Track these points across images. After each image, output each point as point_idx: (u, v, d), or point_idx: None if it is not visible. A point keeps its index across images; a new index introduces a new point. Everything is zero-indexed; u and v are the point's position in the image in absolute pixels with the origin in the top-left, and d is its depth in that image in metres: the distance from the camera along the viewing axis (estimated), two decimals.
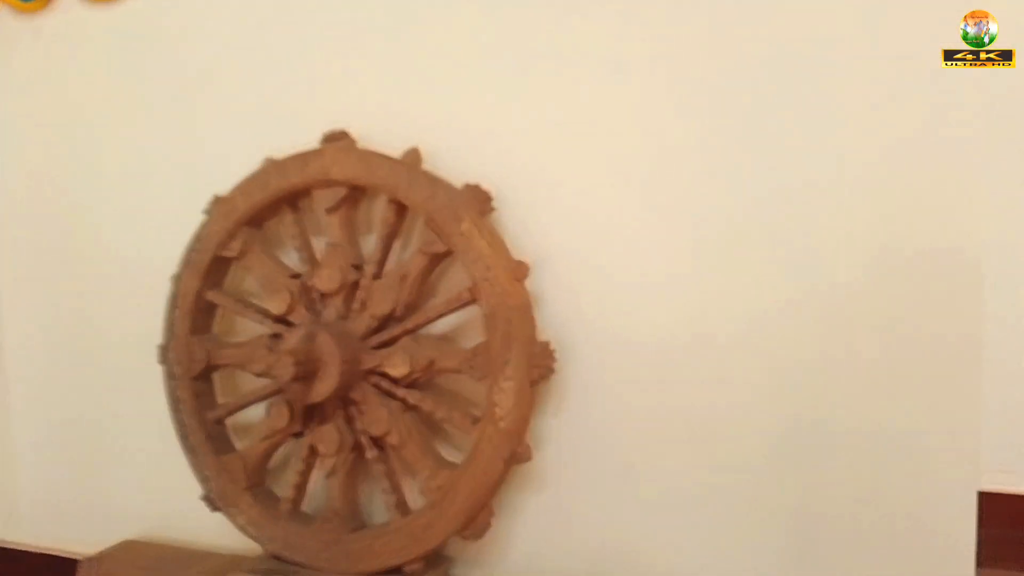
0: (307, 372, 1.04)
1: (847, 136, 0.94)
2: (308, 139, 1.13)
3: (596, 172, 1.05)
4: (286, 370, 1.02)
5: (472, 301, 1.03)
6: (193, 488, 1.19)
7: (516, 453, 1.01)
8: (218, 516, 1.18)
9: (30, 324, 1.46)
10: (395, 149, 1.08)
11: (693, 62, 1.00)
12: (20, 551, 1.45)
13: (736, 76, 0.98)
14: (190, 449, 1.18)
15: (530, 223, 1.07)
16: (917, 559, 0.93)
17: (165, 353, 1.20)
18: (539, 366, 1.00)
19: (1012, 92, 0.91)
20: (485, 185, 1.05)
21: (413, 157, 1.07)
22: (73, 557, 1.33)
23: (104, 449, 1.40)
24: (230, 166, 1.18)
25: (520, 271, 1.01)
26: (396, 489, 1.10)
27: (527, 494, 1.10)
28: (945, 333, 0.91)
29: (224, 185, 1.17)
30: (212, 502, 1.17)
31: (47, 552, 1.42)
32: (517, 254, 1.04)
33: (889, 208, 0.93)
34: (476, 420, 1.03)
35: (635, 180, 1.04)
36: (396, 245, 1.13)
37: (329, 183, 1.09)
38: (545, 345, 1.01)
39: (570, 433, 1.08)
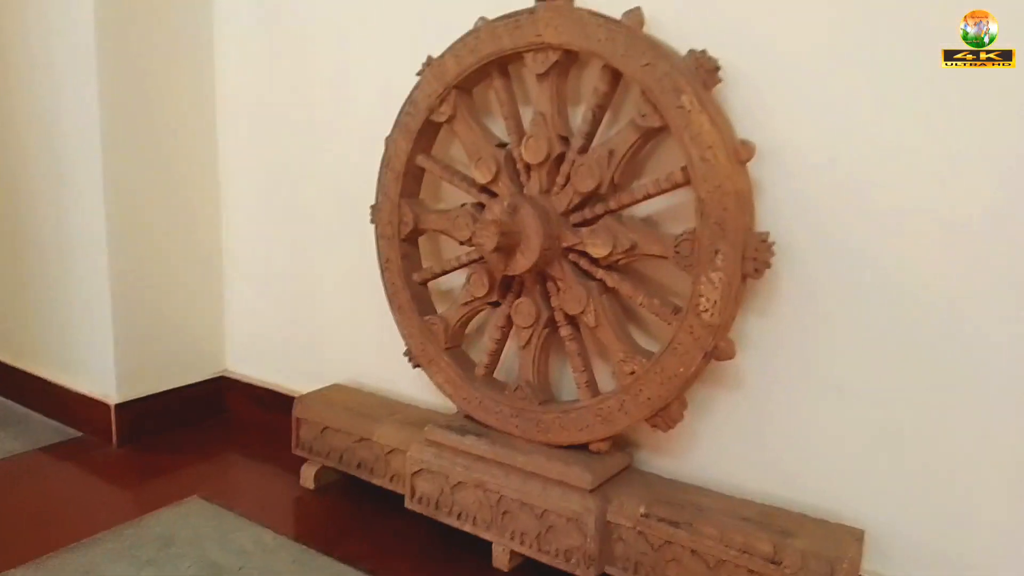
0: (508, 244, 1.03)
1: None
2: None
3: (838, 50, 0.91)
4: (489, 240, 1.02)
5: (685, 183, 0.95)
6: (397, 344, 1.26)
7: (718, 348, 0.95)
8: (418, 372, 1.25)
9: (249, 181, 1.59)
10: (614, 11, 0.98)
11: None
12: (247, 383, 1.64)
13: None
14: (396, 308, 1.24)
15: (758, 102, 0.96)
16: None
17: (376, 213, 1.25)
18: (754, 259, 0.91)
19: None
20: (712, 55, 0.94)
21: (634, 19, 0.97)
22: (290, 394, 1.49)
23: (317, 302, 1.52)
24: (446, 26, 1.15)
25: (745, 152, 0.91)
26: (587, 368, 1.09)
27: (723, 393, 1.05)
28: None
29: (439, 46, 1.15)
30: (414, 358, 1.24)
31: (270, 387, 1.60)
32: (742, 134, 0.94)
33: None
34: (677, 310, 0.98)
35: (881, 62, 0.89)
36: (607, 118, 1.06)
37: (541, 47, 1.03)
38: (763, 237, 0.92)
39: (778, 338, 0.99)
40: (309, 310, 1.53)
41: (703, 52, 0.93)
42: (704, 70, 0.93)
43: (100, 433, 1.53)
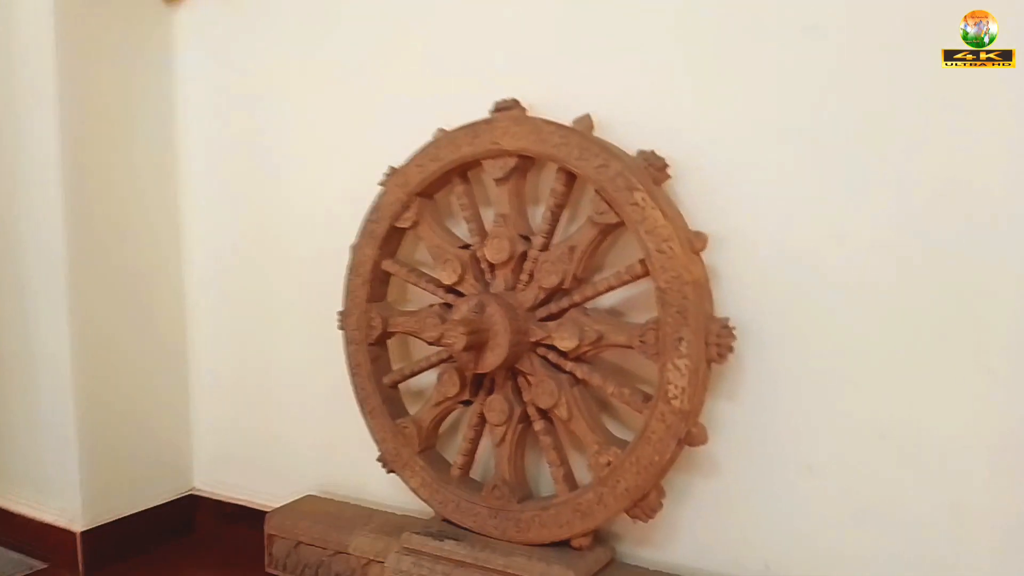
0: (478, 342, 1.05)
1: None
2: (479, 109, 1.13)
3: (780, 141, 0.97)
4: (459, 340, 1.03)
5: (644, 274, 0.98)
6: (368, 449, 1.25)
7: (690, 434, 0.96)
8: (392, 477, 1.23)
9: (214, 292, 1.59)
10: (566, 118, 1.05)
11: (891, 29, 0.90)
12: (216, 500, 1.60)
13: None
14: (367, 412, 1.24)
15: (708, 194, 1.01)
16: None
17: (345, 319, 1.26)
18: (716, 344, 0.94)
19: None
20: (660, 153, 0.99)
21: (585, 125, 1.03)
22: (262, 508, 1.45)
23: (286, 411, 1.50)
24: (405, 138, 1.20)
25: (698, 242, 0.96)
26: (563, 462, 1.09)
27: (699, 479, 1.05)
28: None
29: (399, 157, 1.20)
30: (387, 463, 1.22)
31: (241, 502, 1.56)
32: (695, 227, 0.98)
33: None
34: (647, 398, 1.00)
35: (825, 151, 0.95)
36: (565, 216, 1.11)
37: (499, 153, 1.09)
38: (724, 322, 0.95)
39: (747, 420, 1.01)
40: (279, 420, 1.51)
41: (651, 152, 0.99)
42: (654, 168, 0.99)
43: (66, 564, 1.45)
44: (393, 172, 1.21)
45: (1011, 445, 0.87)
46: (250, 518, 1.49)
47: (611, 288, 1.02)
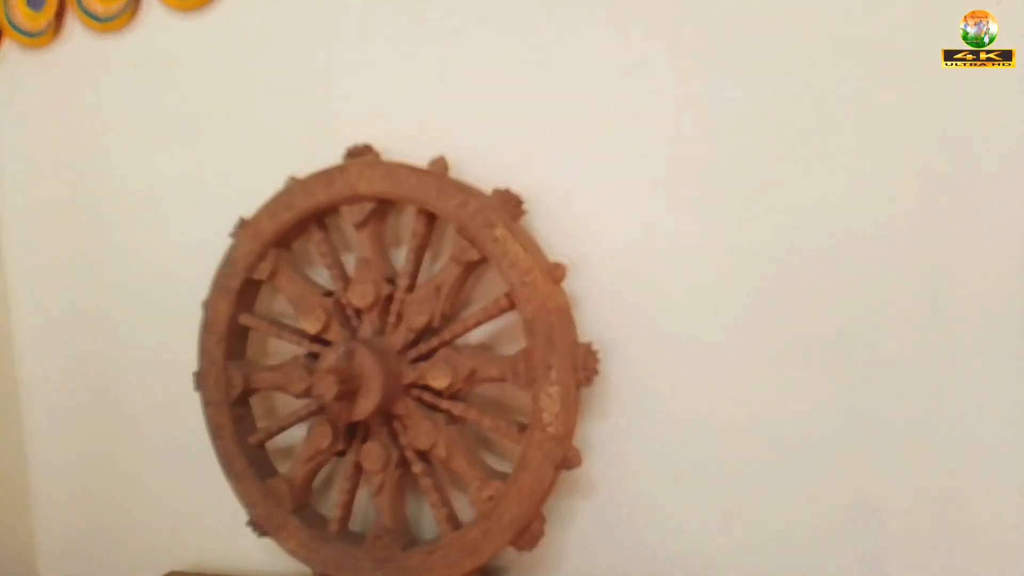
0: (349, 390, 1.03)
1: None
2: (331, 155, 1.12)
3: (629, 171, 1.04)
4: (329, 389, 1.01)
5: (510, 307, 1.01)
6: (237, 515, 1.18)
7: (566, 459, 0.99)
8: (266, 541, 1.17)
9: (52, 366, 1.45)
10: (420, 160, 1.06)
11: (712, 62, 1.00)
12: None
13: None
14: (234, 475, 1.17)
15: (564, 225, 1.06)
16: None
17: (201, 380, 1.19)
18: (584, 368, 0.98)
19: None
20: (515, 190, 1.03)
21: (440, 166, 1.05)
22: None
23: (141, 484, 1.38)
24: (254, 187, 1.16)
25: (558, 273, 1.00)
26: (445, 503, 1.08)
27: (578, 501, 1.09)
28: None
29: (249, 207, 1.16)
30: (259, 527, 1.16)
31: None
32: (553, 257, 1.03)
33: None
34: (523, 428, 1.02)
35: (669, 178, 1.03)
36: (428, 256, 1.12)
37: (356, 198, 1.08)
38: (588, 347, 0.99)
39: (618, 437, 1.06)
40: (131, 495, 1.39)
41: (506, 189, 1.03)
42: (510, 204, 1.03)
43: None
44: (244, 223, 1.17)
45: (852, 436, 0.97)
46: None
47: (479, 323, 1.04)
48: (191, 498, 1.33)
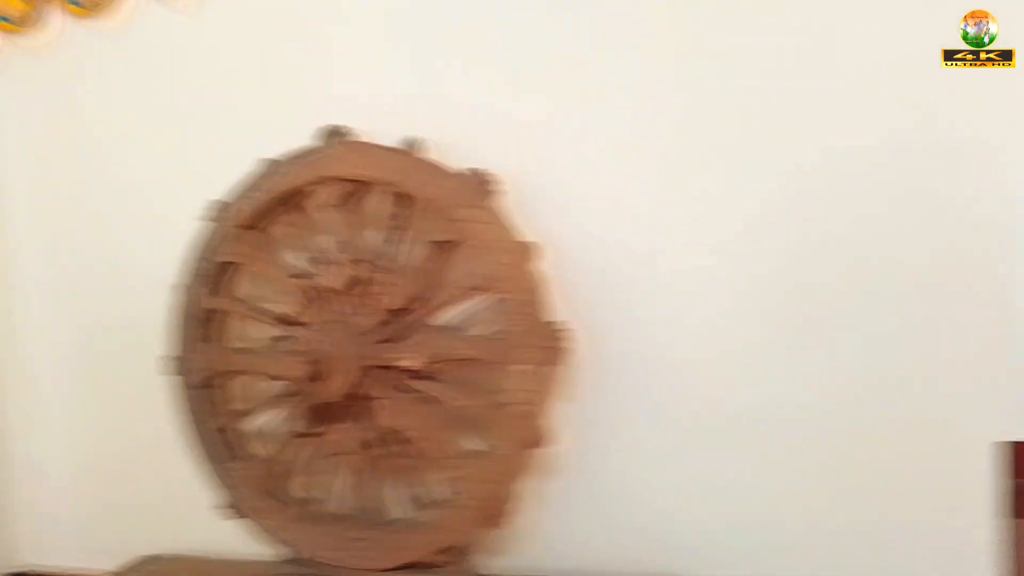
0: (323, 371, 1.03)
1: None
2: (305, 137, 1.12)
3: (606, 150, 1.05)
4: (299, 371, 1.01)
5: (484, 288, 1.02)
6: (214, 498, 1.18)
7: (537, 438, 1.00)
8: (243, 523, 1.17)
9: (39, 340, 1.43)
10: (394, 141, 1.07)
11: (697, 53, 1.01)
12: (48, 575, 1.43)
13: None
14: (208, 458, 1.17)
15: (539, 206, 1.06)
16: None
17: (176, 364, 1.19)
18: (556, 348, 0.99)
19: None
20: (489, 170, 1.04)
21: (415, 147, 1.06)
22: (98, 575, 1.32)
23: (118, 466, 1.37)
24: (228, 170, 1.16)
25: (531, 253, 1.01)
26: (418, 482, 1.09)
27: (551, 481, 1.09)
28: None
29: (222, 189, 1.16)
30: (235, 509, 1.16)
31: (76, 573, 1.40)
32: (529, 236, 1.03)
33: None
34: (495, 407, 1.03)
35: (647, 157, 1.04)
36: (402, 237, 1.12)
37: (332, 180, 1.08)
38: (561, 326, 1.00)
39: (592, 417, 1.07)
40: (109, 480, 1.38)
41: (480, 169, 1.03)
42: (485, 185, 1.03)
43: None
44: (217, 205, 1.16)
45: (831, 417, 0.99)
46: None
47: (453, 303, 1.05)
48: (169, 482, 1.31)
